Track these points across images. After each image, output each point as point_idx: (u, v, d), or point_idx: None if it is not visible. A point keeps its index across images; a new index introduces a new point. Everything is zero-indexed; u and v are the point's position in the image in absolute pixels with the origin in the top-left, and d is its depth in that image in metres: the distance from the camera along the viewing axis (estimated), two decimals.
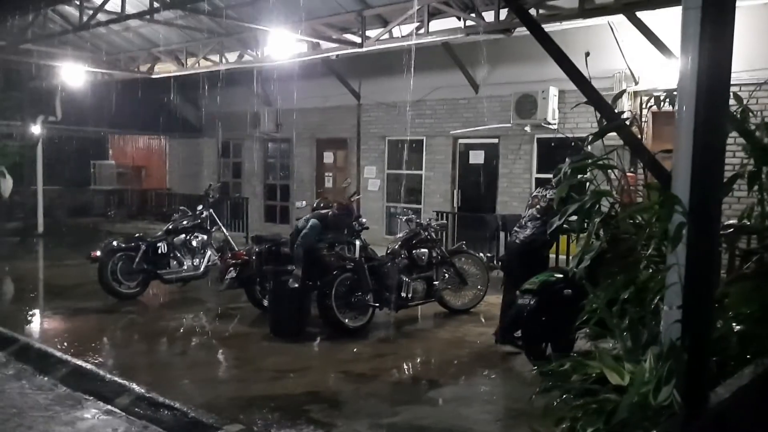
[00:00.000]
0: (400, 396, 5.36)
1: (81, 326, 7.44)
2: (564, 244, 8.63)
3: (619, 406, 2.31)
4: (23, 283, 10.34)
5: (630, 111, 9.12)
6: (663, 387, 2.27)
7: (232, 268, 8.12)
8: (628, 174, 3.39)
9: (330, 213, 8.01)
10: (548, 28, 5.61)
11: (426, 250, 7.97)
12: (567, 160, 3.38)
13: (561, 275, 5.69)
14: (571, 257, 3.09)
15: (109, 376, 5.51)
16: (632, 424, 2.28)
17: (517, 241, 6.49)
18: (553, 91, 11.21)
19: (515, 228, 6.69)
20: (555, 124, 11.34)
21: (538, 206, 6.51)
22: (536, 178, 12.08)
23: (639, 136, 3.26)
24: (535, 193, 6.82)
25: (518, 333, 5.99)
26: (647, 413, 2.27)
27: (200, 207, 9.75)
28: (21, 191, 16.81)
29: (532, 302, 5.66)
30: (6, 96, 14.98)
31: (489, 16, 9.17)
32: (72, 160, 18.44)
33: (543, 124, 11.38)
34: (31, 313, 8.33)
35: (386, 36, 10.32)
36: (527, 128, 11.78)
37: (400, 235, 8.22)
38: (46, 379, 5.66)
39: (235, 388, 5.46)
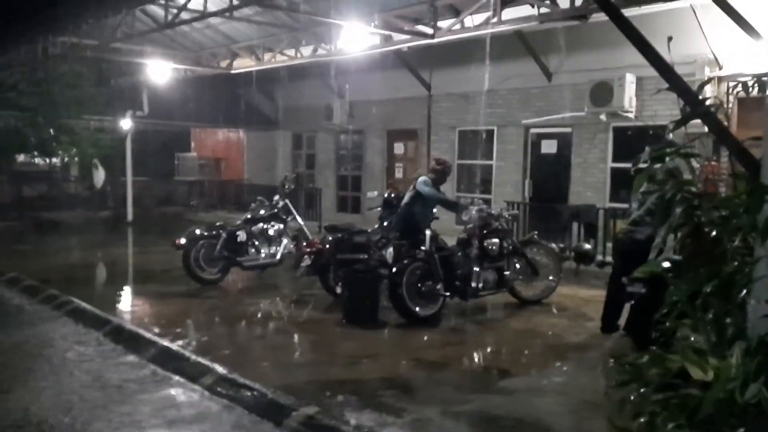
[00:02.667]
0: (472, 384, 5.34)
1: (167, 309, 7.75)
2: None
3: (704, 402, 2.22)
4: (115, 268, 10.91)
5: (715, 97, 8.69)
6: (751, 384, 2.17)
7: (306, 257, 8.26)
8: (712, 163, 3.23)
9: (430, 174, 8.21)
10: (627, 13, 5.41)
11: (497, 240, 7.87)
12: (647, 148, 3.25)
13: (669, 264, 5.48)
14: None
15: (193, 357, 5.73)
16: (718, 421, 2.19)
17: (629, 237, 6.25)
18: (630, 78, 10.82)
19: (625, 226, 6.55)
20: (632, 112, 10.98)
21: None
22: (612, 168, 11.74)
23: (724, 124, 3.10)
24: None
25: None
26: (733, 410, 2.17)
27: (276, 197, 9.93)
28: (112, 182, 17.74)
29: (642, 290, 5.56)
30: (98, 92, 15.77)
31: (564, 2, 8.92)
32: (157, 153, 19.26)
33: (619, 113, 11.02)
34: (122, 296, 8.80)
35: (458, 26, 10.21)
36: (602, 117, 11.44)
37: (471, 225, 8.16)
38: (137, 359, 5.95)
39: (310, 371, 5.56)
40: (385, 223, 8.79)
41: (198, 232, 9.19)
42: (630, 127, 11.01)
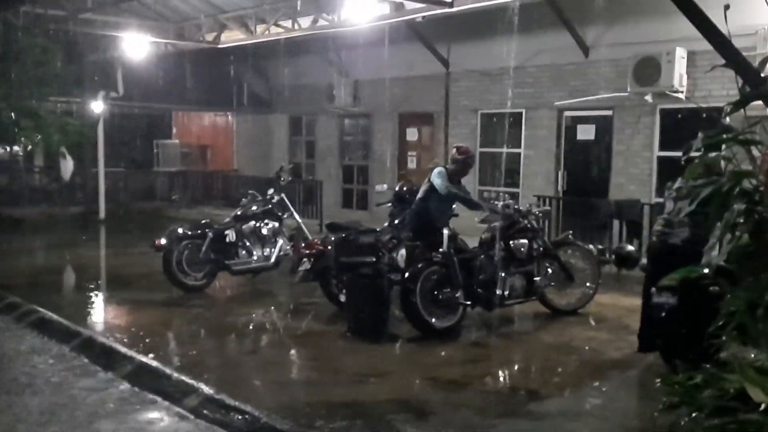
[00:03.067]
0: (496, 407, 5.33)
1: (146, 320, 7.79)
2: None
3: (766, 428, 2.21)
4: (86, 272, 10.98)
5: None
6: None
7: (305, 259, 8.27)
8: None
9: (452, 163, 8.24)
10: None
11: (526, 241, 7.86)
12: (699, 134, 3.24)
13: (706, 269, 5.42)
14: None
15: (176, 374, 5.75)
16: None
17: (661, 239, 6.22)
18: (681, 53, 10.76)
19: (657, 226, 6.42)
20: (682, 92, 10.92)
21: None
22: (658, 157, 11.71)
23: None
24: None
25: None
26: None
27: (271, 191, 9.97)
28: (82, 173, 17.79)
29: (671, 301, 5.45)
30: (66, 70, 15.80)
31: None
32: (134, 140, 19.33)
33: (668, 93, 10.96)
34: (94, 305, 8.86)
35: None
36: (648, 97, 11.39)
37: (496, 223, 8.12)
38: (111, 375, 5.98)
39: (310, 392, 5.59)
40: (396, 221, 8.80)
41: (181, 231, 9.22)
42: (680, 109, 10.94)
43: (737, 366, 2.54)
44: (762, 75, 3.03)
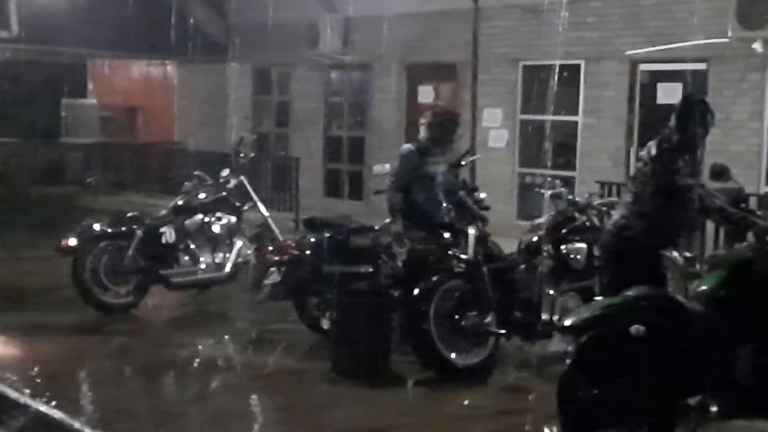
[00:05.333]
0: None
1: (47, 353, 7.73)
2: None
3: None
4: None
5: None
6: None
7: (274, 269, 8.23)
8: None
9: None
10: None
11: (584, 246, 7.82)
12: None
13: (651, 295, 5.30)
14: None
15: (87, 430, 5.70)
16: None
17: (605, 234, 6.63)
18: None
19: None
20: None
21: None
22: None
23: None
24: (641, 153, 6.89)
25: None
26: None
27: (226, 172, 9.98)
28: None
29: (569, 349, 5.35)
30: None
31: None
32: (34, 99, 19.22)
33: None
34: None
35: None
36: (757, 45, 11.41)
37: (541, 220, 8.14)
38: None
39: None
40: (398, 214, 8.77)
41: (98, 227, 9.17)
42: None
43: None
44: None
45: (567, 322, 5.25)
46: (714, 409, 4.95)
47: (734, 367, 5.01)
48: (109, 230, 9.16)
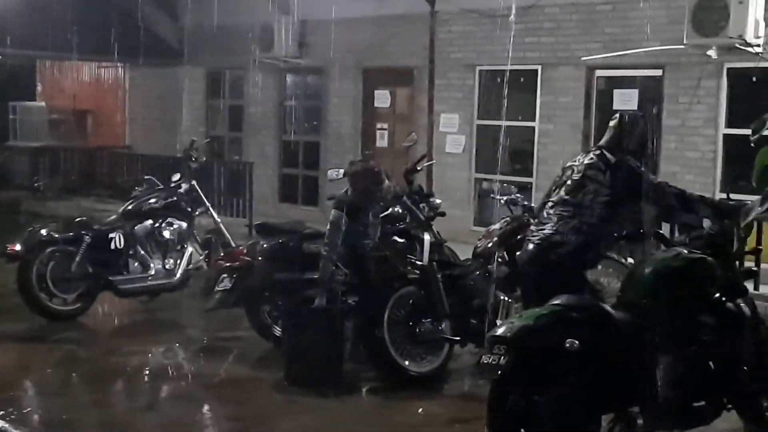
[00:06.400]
0: None
1: None
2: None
3: None
4: None
5: None
6: None
7: (225, 275, 8.22)
8: None
9: (347, 189, 8.00)
10: None
11: None
12: None
13: (581, 305, 5.23)
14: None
15: None
16: None
17: (531, 246, 6.48)
18: None
19: (532, 227, 6.76)
20: (759, 45, 11.00)
21: (568, 182, 6.59)
22: (726, 136, 11.82)
23: None
24: (569, 163, 6.91)
25: None
26: None
27: (177, 176, 9.99)
28: None
29: (500, 362, 5.05)
30: None
31: None
32: None
33: (738, 46, 11.06)
34: None
35: None
36: (711, 52, 11.50)
37: (496, 226, 8.15)
38: None
39: None
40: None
41: (45, 233, 9.14)
42: (755, 69, 11.05)
43: None
44: None
45: (498, 332, 5.12)
46: (640, 422, 4.94)
47: (655, 378, 5.03)
48: (57, 235, 9.12)
